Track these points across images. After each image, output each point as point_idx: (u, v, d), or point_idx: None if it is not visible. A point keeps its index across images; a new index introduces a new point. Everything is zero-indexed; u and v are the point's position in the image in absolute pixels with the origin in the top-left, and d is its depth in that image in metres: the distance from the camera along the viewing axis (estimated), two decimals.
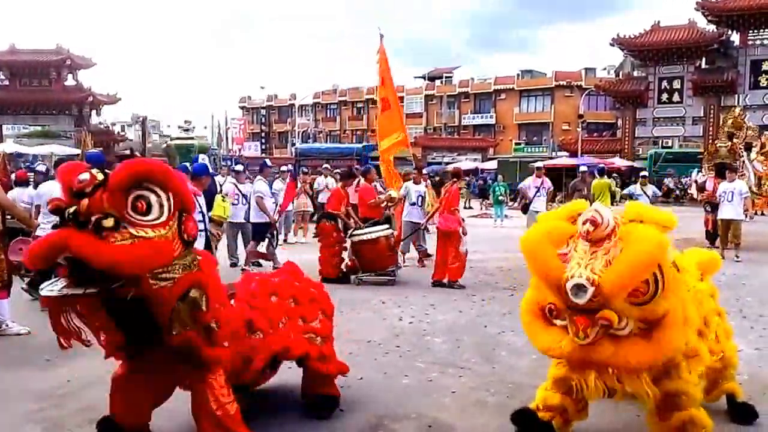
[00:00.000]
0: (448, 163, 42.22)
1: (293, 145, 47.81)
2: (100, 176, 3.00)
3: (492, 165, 44.02)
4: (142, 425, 3.76)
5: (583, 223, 3.26)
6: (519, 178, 24.12)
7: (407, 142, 9.40)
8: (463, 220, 9.69)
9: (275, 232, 11.30)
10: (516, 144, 53.98)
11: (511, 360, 5.64)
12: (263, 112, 69.88)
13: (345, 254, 10.05)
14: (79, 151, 30.22)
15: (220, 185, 11.46)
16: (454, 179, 10.40)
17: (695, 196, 17.58)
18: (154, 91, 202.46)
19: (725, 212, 12.23)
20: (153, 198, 3.08)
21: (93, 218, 2.91)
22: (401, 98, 62.27)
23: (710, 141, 26.75)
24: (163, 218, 3.10)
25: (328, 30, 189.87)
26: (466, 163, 44.85)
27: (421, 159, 42.83)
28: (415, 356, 5.75)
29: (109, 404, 3.61)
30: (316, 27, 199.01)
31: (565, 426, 3.81)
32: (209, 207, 8.30)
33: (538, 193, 12.61)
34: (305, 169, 20.19)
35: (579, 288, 3.06)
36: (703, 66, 41.41)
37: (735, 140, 16.49)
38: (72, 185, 3.01)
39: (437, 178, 17.98)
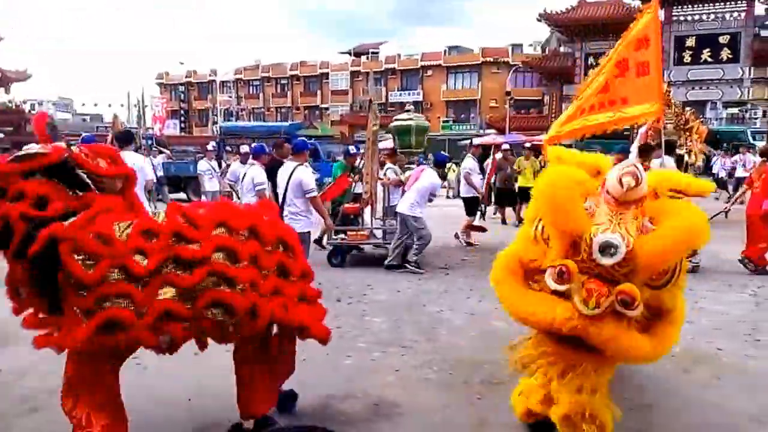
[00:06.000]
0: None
1: (215, 123, 46.48)
2: None
3: None
4: None
5: (623, 175, 2.76)
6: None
7: (661, 113, 8.20)
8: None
9: (484, 206, 12.35)
10: (444, 122, 53.43)
11: (451, 338, 5.76)
12: (182, 88, 67.43)
13: None
14: None
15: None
16: (765, 158, 9.39)
17: None
18: (67, 68, 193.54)
19: None
20: None
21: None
22: (326, 75, 61.68)
23: None
24: None
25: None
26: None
27: (349, 137, 42.37)
28: (356, 336, 5.80)
29: None
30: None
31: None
32: None
33: None
34: (229, 148, 19.93)
35: (609, 246, 2.62)
36: None
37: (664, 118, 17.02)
38: None
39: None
